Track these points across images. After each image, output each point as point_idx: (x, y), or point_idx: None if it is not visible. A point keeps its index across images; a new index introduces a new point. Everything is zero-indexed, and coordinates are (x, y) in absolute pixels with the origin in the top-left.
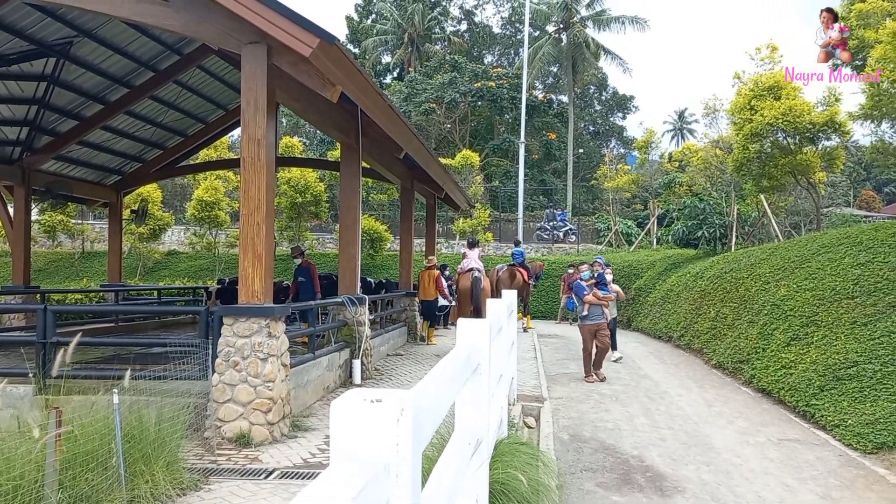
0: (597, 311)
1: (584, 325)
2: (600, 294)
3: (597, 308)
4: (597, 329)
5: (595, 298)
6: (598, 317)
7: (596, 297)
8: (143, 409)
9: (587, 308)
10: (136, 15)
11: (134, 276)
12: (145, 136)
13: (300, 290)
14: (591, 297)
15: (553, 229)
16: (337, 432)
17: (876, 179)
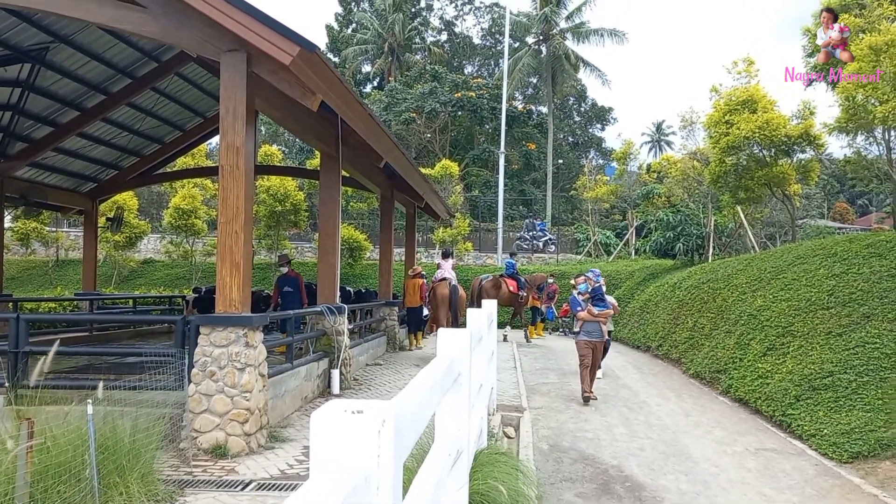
0: (592, 328)
1: (578, 340)
2: (595, 311)
3: (592, 324)
4: (593, 345)
5: (589, 315)
6: (593, 333)
7: (590, 313)
8: (117, 420)
9: (580, 324)
10: (113, 21)
11: (109, 284)
12: (122, 144)
13: (286, 300)
14: (584, 314)
15: (532, 239)
16: (317, 443)
17: (849, 192)
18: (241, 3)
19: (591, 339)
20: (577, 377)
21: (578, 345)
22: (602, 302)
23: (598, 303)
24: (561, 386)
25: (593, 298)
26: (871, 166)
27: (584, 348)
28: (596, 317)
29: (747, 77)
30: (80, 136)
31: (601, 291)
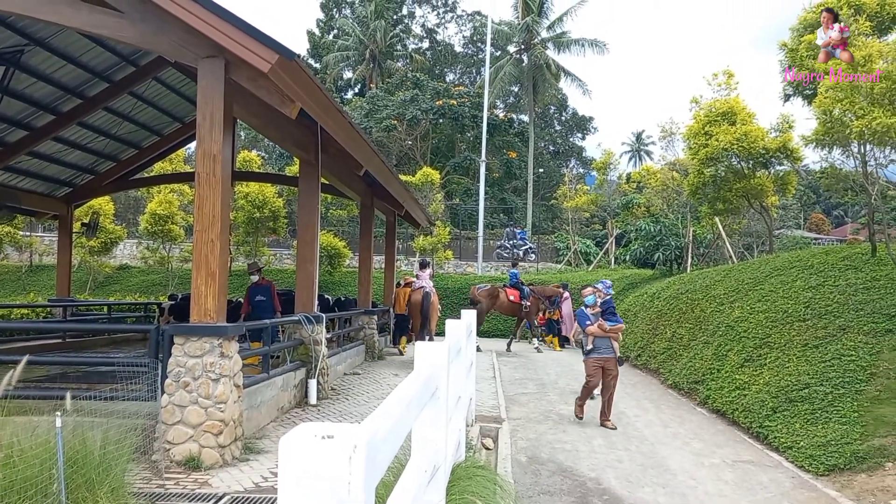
0: (604, 344)
1: (587, 359)
2: (607, 326)
3: (603, 340)
4: (604, 365)
5: (600, 330)
6: (605, 350)
7: (602, 328)
8: (87, 432)
9: (591, 340)
10: (89, 26)
11: (84, 290)
12: (98, 148)
13: (258, 309)
14: (595, 329)
15: (513, 248)
16: (285, 470)
17: (825, 203)
18: (219, 10)
19: (602, 356)
20: (556, 388)
21: (587, 364)
22: (614, 316)
23: (610, 316)
24: (540, 396)
25: (604, 312)
26: (845, 179)
27: (594, 368)
28: (608, 332)
29: (727, 89)
30: (56, 140)
31: (612, 304)
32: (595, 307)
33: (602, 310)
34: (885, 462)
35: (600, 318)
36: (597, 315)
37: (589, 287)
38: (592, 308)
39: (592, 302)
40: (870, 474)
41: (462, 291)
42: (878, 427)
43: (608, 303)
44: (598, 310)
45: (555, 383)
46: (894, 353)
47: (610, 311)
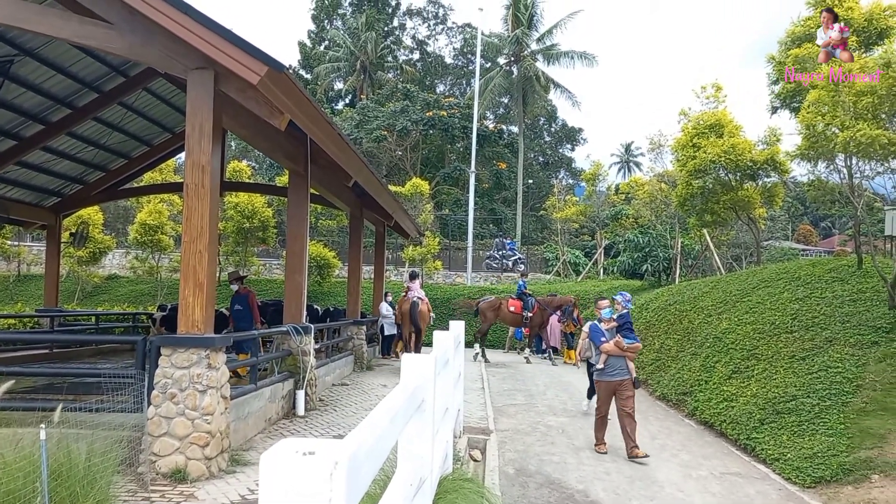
0: (618, 364)
1: (600, 381)
2: (625, 344)
3: (618, 360)
4: (617, 387)
5: (616, 348)
6: (619, 371)
7: (619, 346)
8: (72, 444)
9: (604, 359)
10: (79, 37)
11: (72, 300)
12: (87, 158)
13: (236, 318)
14: (611, 347)
15: (502, 258)
16: (266, 488)
17: (813, 214)
18: (208, 22)
19: (615, 378)
20: (544, 399)
21: (599, 387)
22: (631, 332)
23: (627, 333)
24: (528, 408)
25: (621, 327)
26: (832, 192)
27: (606, 393)
28: (625, 351)
29: (715, 102)
30: (45, 150)
31: (629, 319)
32: (610, 322)
33: (618, 325)
34: (872, 474)
35: (617, 334)
36: (612, 331)
37: (604, 299)
38: (607, 323)
39: (609, 316)
40: (856, 486)
41: (451, 301)
42: (865, 439)
43: (625, 318)
44: (613, 325)
45: (543, 394)
46: (880, 365)
47: (627, 327)
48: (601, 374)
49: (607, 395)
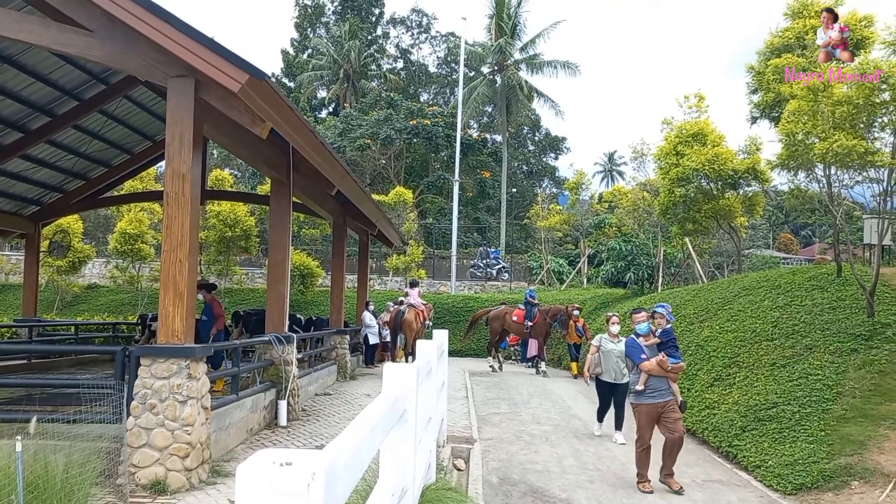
0: (661, 385)
1: (639, 404)
2: (669, 363)
3: (660, 380)
4: (661, 410)
5: (658, 367)
6: (662, 392)
7: (662, 365)
8: (49, 456)
9: (643, 380)
10: (58, 44)
11: (51, 310)
12: (67, 166)
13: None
14: (652, 365)
15: (486, 267)
16: (243, 499)
17: (793, 223)
18: (189, 30)
19: (658, 400)
20: (528, 408)
21: (639, 412)
22: (676, 350)
23: (672, 351)
24: (512, 416)
25: (665, 344)
26: (811, 201)
27: (647, 419)
28: (668, 371)
29: (698, 112)
30: (24, 158)
31: (674, 335)
32: (649, 337)
33: (661, 341)
34: (851, 481)
35: (659, 352)
36: (653, 348)
37: (642, 312)
38: (646, 338)
39: (646, 331)
40: (836, 493)
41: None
42: (845, 446)
43: (668, 333)
44: (654, 340)
45: (527, 403)
46: (860, 372)
47: (671, 343)
48: (640, 396)
49: (650, 421)
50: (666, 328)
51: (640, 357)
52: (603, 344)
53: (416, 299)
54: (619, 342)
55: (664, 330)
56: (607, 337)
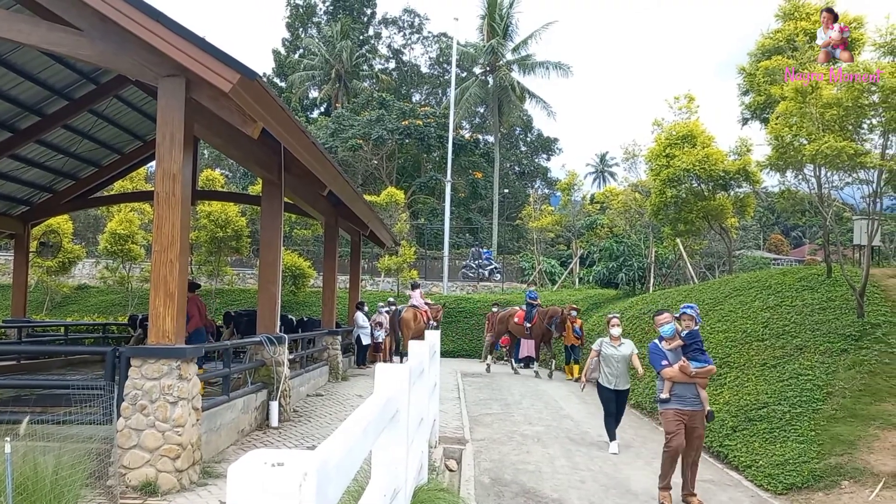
0: (688, 392)
1: (666, 410)
2: (692, 368)
3: (688, 387)
4: (687, 421)
5: (681, 373)
6: (690, 400)
7: (684, 371)
8: (39, 457)
9: (668, 387)
10: (48, 44)
11: (40, 311)
12: (57, 166)
13: None
14: (674, 371)
15: (478, 268)
16: (234, 500)
17: (784, 224)
18: (180, 29)
19: (685, 407)
20: (520, 409)
21: (665, 417)
22: (702, 354)
23: (697, 354)
24: (504, 417)
25: (688, 347)
26: (801, 202)
27: (675, 423)
28: (694, 376)
29: (688, 113)
30: (12, 158)
31: (700, 338)
32: (674, 340)
33: (686, 344)
34: (841, 480)
35: (682, 356)
36: (677, 352)
37: (665, 313)
38: (669, 341)
39: (671, 333)
40: (826, 493)
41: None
42: (835, 446)
43: (694, 336)
44: (678, 343)
45: (519, 403)
46: (850, 372)
47: (696, 346)
48: (665, 403)
49: (678, 424)
50: (692, 330)
51: (661, 364)
52: (603, 348)
53: (418, 300)
54: (620, 345)
55: (690, 332)
56: (608, 341)
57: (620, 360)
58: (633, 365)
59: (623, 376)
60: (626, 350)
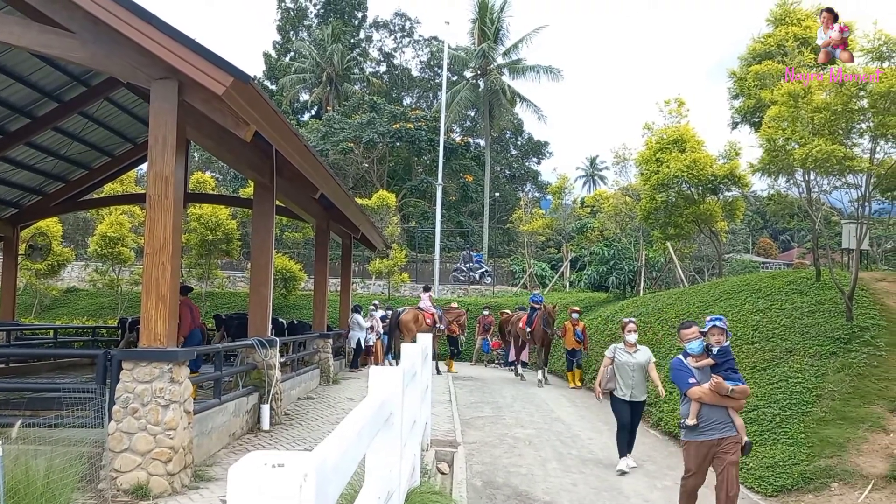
0: (718, 416)
1: (689, 442)
2: (728, 386)
3: (716, 411)
4: (716, 448)
5: (710, 394)
6: (719, 426)
7: (719, 390)
8: (31, 461)
9: (695, 410)
10: (39, 46)
11: (29, 314)
12: (46, 169)
13: None
14: (704, 391)
15: (469, 271)
16: (234, 500)
17: (772, 228)
18: (173, 32)
19: (714, 436)
20: (511, 412)
21: (687, 450)
22: (734, 373)
23: (729, 373)
24: (496, 420)
25: (719, 366)
26: (791, 206)
27: (697, 459)
28: (725, 398)
29: (678, 117)
30: (2, 160)
31: (731, 354)
32: (702, 357)
33: (716, 363)
34: (831, 482)
35: (712, 374)
36: (704, 371)
37: (692, 325)
38: (697, 358)
39: (700, 350)
40: (816, 495)
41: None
42: (825, 448)
43: (726, 353)
44: (706, 362)
45: (510, 406)
46: (839, 375)
47: (729, 365)
48: (691, 431)
49: (699, 461)
50: (723, 346)
51: (689, 382)
52: (617, 355)
53: (426, 303)
54: (636, 352)
55: (721, 348)
56: (622, 347)
57: (636, 368)
58: (650, 377)
59: (639, 386)
60: (642, 358)
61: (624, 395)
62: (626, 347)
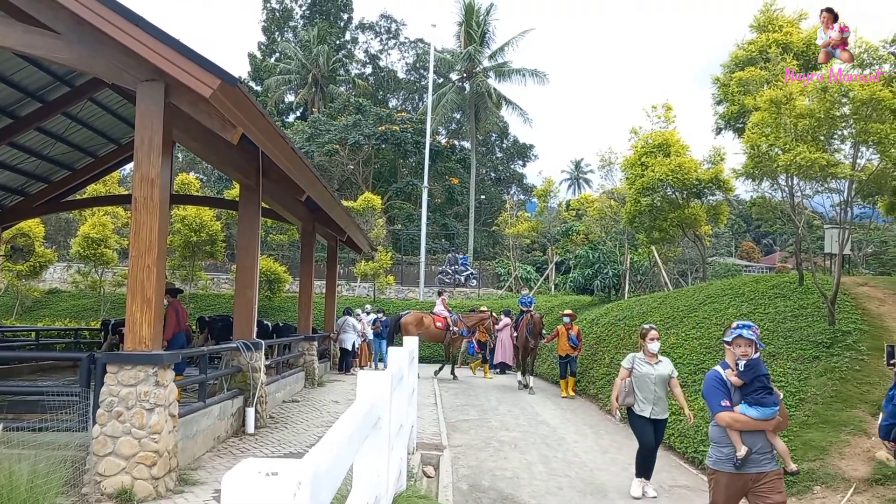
0: (755, 443)
1: (716, 471)
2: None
3: (756, 437)
4: (753, 484)
5: (743, 421)
6: (758, 459)
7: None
8: (14, 465)
9: (738, 440)
10: (23, 46)
11: (10, 315)
12: (29, 169)
13: None
14: (732, 418)
15: (454, 273)
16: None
17: (755, 231)
18: (159, 33)
19: (751, 469)
20: (497, 415)
21: (716, 483)
22: (769, 393)
23: (763, 393)
24: (481, 423)
25: (749, 386)
26: (774, 210)
27: (727, 495)
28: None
29: (665, 122)
30: None
31: (764, 368)
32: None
33: (745, 382)
34: (814, 486)
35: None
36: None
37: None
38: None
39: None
40: (799, 498)
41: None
42: (807, 451)
43: (755, 367)
44: (733, 379)
45: (496, 409)
46: (821, 379)
47: (761, 383)
48: (717, 461)
49: (729, 497)
50: (752, 359)
51: (720, 405)
52: (637, 366)
53: (439, 307)
54: (657, 363)
55: (749, 363)
56: (642, 357)
57: (658, 381)
58: (672, 393)
59: (662, 402)
60: (664, 370)
61: (644, 412)
62: (646, 357)
